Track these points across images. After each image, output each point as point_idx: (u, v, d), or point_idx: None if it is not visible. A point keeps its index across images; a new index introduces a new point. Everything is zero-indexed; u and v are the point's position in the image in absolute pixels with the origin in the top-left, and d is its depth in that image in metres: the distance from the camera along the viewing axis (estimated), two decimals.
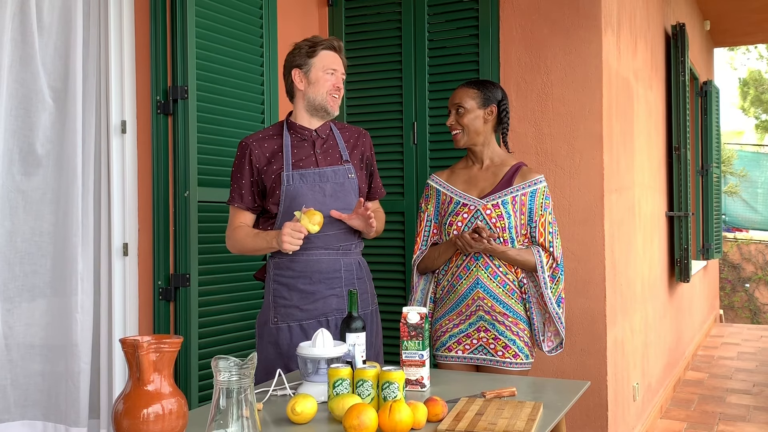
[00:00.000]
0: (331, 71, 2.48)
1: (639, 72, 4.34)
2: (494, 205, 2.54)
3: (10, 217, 2.53)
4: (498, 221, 2.52)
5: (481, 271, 2.53)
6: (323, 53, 2.48)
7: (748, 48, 17.76)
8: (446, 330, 2.60)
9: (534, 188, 2.57)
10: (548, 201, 2.58)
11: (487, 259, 2.53)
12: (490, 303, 2.53)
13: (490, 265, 2.53)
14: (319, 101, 2.48)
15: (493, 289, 2.53)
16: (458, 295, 2.56)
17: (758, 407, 5.01)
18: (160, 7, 2.89)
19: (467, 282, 2.55)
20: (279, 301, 2.46)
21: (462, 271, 2.56)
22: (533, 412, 1.79)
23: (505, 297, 2.54)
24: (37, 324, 2.63)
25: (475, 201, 2.57)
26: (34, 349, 2.61)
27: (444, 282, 2.62)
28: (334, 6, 3.89)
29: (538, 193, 2.56)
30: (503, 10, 3.55)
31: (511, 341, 2.53)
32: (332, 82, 2.48)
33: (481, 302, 2.54)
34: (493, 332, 2.54)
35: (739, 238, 11.41)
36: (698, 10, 7.01)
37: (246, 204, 2.49)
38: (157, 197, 2.90)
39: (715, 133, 7.27)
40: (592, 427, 3.40)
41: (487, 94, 2.61)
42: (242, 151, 2.49)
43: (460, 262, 2.56)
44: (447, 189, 2.65)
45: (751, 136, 18.88)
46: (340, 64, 2.51)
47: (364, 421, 1.63)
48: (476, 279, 2.53)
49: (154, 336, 1.49)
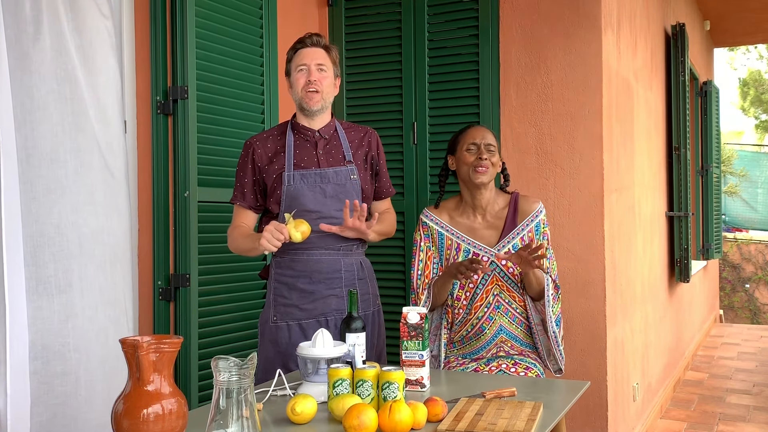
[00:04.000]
0: (301, 67, 2.46)
1: (639, 72, 4.34)
2: (507, 253, 2.50)
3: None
4: (515, 269, 2.50)
5: (503, 318, 2.54)
6: (298, 53, 2.48)
7: (748, 48, 17.76)
8: (462, 363, 2.58)
9: (537, 221, 2.56)
10: (546, 228, 2.59)
11: (507, 306, 2.53)
12: (510, 344, 2.55)
13: (510, 311, 2.54)
14: (298, 101, 2.49)
15: (513, 331, 2.55)
16: (481, 343, 2.56)
17: (758, 407, 5.01)
18: (160, 7, 2.89)
19: (491, 331, 2.54)
20: (279, 300, 2.46)
21: (485, 323, 2.54)
22: (533, 412, 1.79)
23: (523, 336, 2.57)
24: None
25: (487, 250, 2.53)
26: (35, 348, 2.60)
27: (462, 332, 2.57)
28: (334, 6, 3.89)
29: (542, 225, 2.57)
30: (503, 10, 3.55)
31: (532, 365, 2.54)
32: (304, 78, 2.45)
33: (502, 345, 2.55)
34: (512, 360, 2.54)
35: (739, 238, 11.41)
36: (698, 10, 7.01)
37: (248, 202, 2.49)
38: (157, 197, 2.90)
39: (715, 133, 7.27)
40: (592, 427, 3.40)
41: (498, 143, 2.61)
42: (246, 151, 2.51)
43: (481, 314, 2.53)
44: (452, 234, 2.57)
45: (751, 137, 18.89)
46: (311, 57, 2.46)
47: (364, 421, 1.63)
48: (499, 327, 2.54)
49: (154, 336, 1.50)
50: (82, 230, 2.44)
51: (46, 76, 2.36)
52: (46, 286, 2.35)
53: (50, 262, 2.36)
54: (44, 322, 2.34)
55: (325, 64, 2.47)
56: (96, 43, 2.55)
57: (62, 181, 2.40)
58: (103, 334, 2.47)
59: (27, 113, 2.34)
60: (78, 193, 2.44)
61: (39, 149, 2.36)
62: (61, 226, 2.40)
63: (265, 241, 2.26)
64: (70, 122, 2.42)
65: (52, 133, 2.38)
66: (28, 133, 2.34)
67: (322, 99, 2.47)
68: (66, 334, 2.38)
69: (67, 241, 2.41)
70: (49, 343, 2.35)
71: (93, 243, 2.48)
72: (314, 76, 2.44)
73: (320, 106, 2.47)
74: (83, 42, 2.52)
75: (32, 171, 2.36)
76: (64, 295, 2.39)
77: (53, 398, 2.34)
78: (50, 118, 2.38)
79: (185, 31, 2.88)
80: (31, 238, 2.35)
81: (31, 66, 2.34)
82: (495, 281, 2.52)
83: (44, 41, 2.36)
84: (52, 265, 2.36)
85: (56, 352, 2.36)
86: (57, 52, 2.40)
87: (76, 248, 2.43)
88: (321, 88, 2.46)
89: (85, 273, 2.44)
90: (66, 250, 2.40)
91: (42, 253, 2.35)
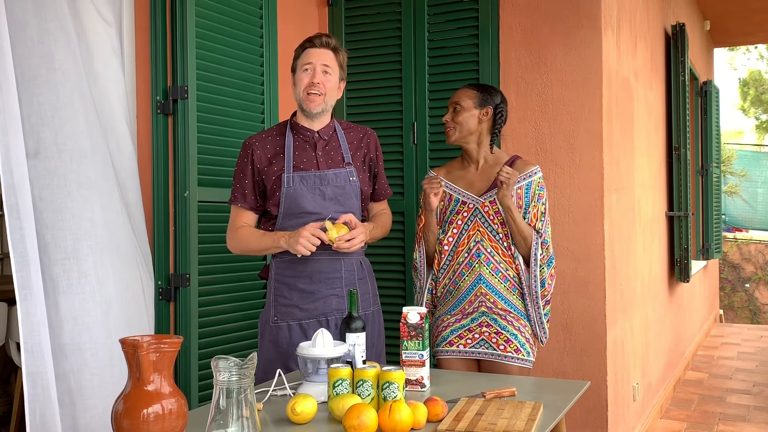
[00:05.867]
0: (306, 66, 2.43)
1: (639, 72, 4.34)
2: (491, 202, 2.59)
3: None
4: (496, 217, 2.58)
5: (483, 268, 2.56)
6: (306, 52, 2.46)
7: (748, 48, 17.76)
8: (447, 324, 2.62)
9: (529, 180, 2.61)
10: (542, 191, 2.62)
11: (488, 255, 2.56)
12: (493, 299, 2.56)
13: (492, 261, 2.56)
14: (299, 101, 2.47)
15: (495, 285, 2.56)
16: (461, 292, 2.59)
17: (758, 407, 5.01)
18: (160, 7, 2.89)
19: (470, 279, 2.57)
20: (279, 300, 2.46)
21: (464, 269, 2.58)
22: (533, 412, 1.79)
23: (506, 293, 2.57)
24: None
25: (473, 199, 2.62)
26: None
27: (445, 280, 2.63)
28: (334, 6, 3.89)
29: (533, 184, 2.61)
30: (503, 10, 3.54)
31: (513, 336, 2.55)
32: (307, 78, 2.43)
33: (483, 298, 2.56)
34: (495, 327, 2.56)
35: (739, 238, 11.41)
36: (698, 10, 7.01)
37: (249, 204, 2.48)
38: (157, 197, 2.90)
39: (715, 133, 7.26)
40: (592, 427, 3.40)
41: (485, 96, 2.67)
42: (245, 151, 2.49)
43: (461, 259, 2.59)
44: (447, 186, 2.68)
45: (751, 137, 18.89)
46: (318, 57, 2.43)
47: (364, 421, 1.63)
48: (479, 275, 2.56)
49: (154, 336, 1.50)
50: (110, 225, 2.50)
51: (70, 73, 2.43)
52: (88, 279, 2.43)
53: (89, 255, 2.43)
54: (89, 315, 2.39)
55: (331, 66, 2.45)
56: (98, 44, 2.58)
57: (90, 176, 2.47)
58: (133, 327, 2.55)
59: (54, 110, 2.41)
60: (103, 189, 2.49)
61: (68, 146, 2.44)
62: (95, 221, 2.46)
63: (302, 248, 2.28)
64: (93, 120, 2.49)
65: (78, 130, 2.46)
66: (58, 129, 2.41)
67: (323, 102, 2.44)
68: (109, 326, 2.44)
69: (100, 236, 2.48)
70: (96, 335, 2.41)
71: (119, 238, 2.55)
72: (318, 78, 2.42)
73: (321, 109, 2.45)
74: (88, 43, 2.56)
75: (64, 166, 2.41)
76: (104, 288, 2.46)
77: (105, 389, 2.42)
78: (76, 115, 2.46)
79: (185, 31, 2.88)
80: (71, 231, 2.39)
81: (54, 64, 2.40)
82: (476, 227, 2.58)
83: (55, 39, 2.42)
84: (91, 258, 2.44)
85: (103, 343, 2.41)
86: (68, 51, 2.45)
87: (107, 243, 2.50)
88: (324, 90, 2.43)
89: (115, 267, 2.52)
90: (100, 244, 2.47)
91: (81, 246, 2.42)
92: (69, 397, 2.36)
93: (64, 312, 2.37)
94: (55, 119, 2.39)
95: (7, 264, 5.23)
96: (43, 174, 2.38)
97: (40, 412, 2.22)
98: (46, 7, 2.41)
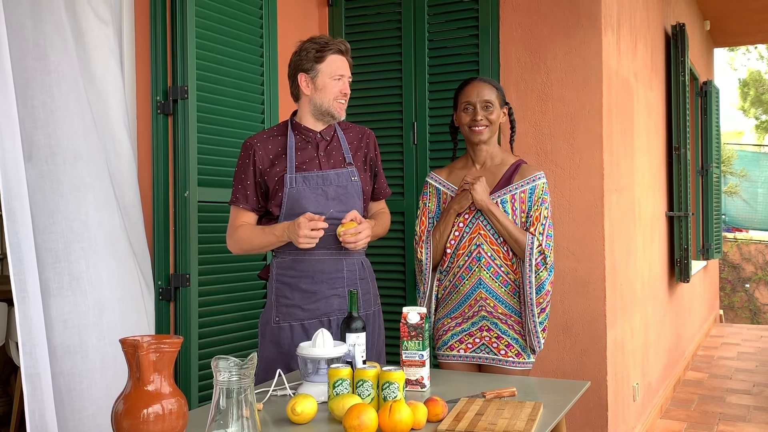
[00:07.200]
0: (338, 77, 2.45)
1: (639, 72, 4.34)
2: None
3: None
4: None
5: (483, 272, 2.54)
6: (330, 58, 2.44)
7: (748, 48, 17.77)
8: (448, 329, 2.61)
9: (533, 185, 2.58)
10: (546, 197, 2.59)
11: (489, 260, 2.54)
12: (493, 303, 2.54)
13: (492, 266, 2.54)
14: (325, 107, 2.46)
15: (495, 289, 2.54)
16: (461, 295, 2.57)
17: (758, 407, 5.01)
18: (160, 7, 2.89)
19: (469, 283, 2.55)
20: (281, 301, 2.46)
21: (464, 272, 2.56)
22: (533, 412, 1.79)
23: (507, 297, 2.55)
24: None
25: None
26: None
27: (446, 282, 2.62)
28: (334, 6, 3.89)
29: (537, 189, 2.57)
30: (503, 10, 3.55)
31: (513, 340, 2.54)
32: (339, 88, 2.44)
33: (483, 303, 2.55)
34: (495, 331, 2.55)
35: (739, 238, 11.41)
36: (698, 11, 7.02)
37: (251, 205, 2.47)
38: (157, 197, 2.90)
39: (714, 133, 7.27)
40: (592, 427, 3.40)
41: (503, 94, 2.66)
42: (246, 152, 2.48)
43: (462, 262, 2.57)
44: (448, 188, 2.65)
45: (751, 137, 18.89)
46: (347, 68, 2.47)
47: (364, 421, 1.63)
48: (478, 280, 2.54)
49: (154, 336, 1.49)
50: (104, 227, 2.49)
51: (66, 75, 2.42)
52: (79, 282, 2.41)
53: (81, 258, 2.43)
54: (81, 317, 2.39)
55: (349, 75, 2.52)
56: (95, 44, 2.58)
57: (85, 178, 2.46)
58: (129, 328, 2.54)
59: (49, 113, 2.40)
60: (98, 190, 2.49)
61: (62, 148, 2.43)
62: (88, 223, 2.45)
63: (304, 240, 2.29)
64: (89, 122, 2.48)
65: (73, 132, 2.45)
66: (51, 132, 2.40)
67: (344, 110, 2.52)
68: (102, 329, 2.43)
69: (94, 238, 2.47)
70: (87, 338, 2.40)
71: (114, 240, 2.54)
72: (348, 89, 2.48)
73: (343, 117, 2.51)
74: (85, 44, 2.56)
75: (57, 169, 2.41)
76: (96, 290, 2.45)
77: (96, 392, 2.40)
78: (71, 117, 2.45)
79: (185, 31, 2.88)
80: (63, 234, 2.39)
81: (49, 66, 2.39)
82: (478, 230, 2.55)
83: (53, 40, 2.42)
84: (83, 260, 2.43)
85: (94, 346, 2.41)
86: (65, 53, 2.45)
87: (102, 245, 2.49)
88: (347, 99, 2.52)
89: (111, 269, 2.51)
90: (94, 246, 2.46)
91: (73, 249, 2.41)
92: (59, 399, 2.36)
93: (55, 315, 2.36)
94: (49, 122, 2.39)
95: (7, 264, 5.23)
96: (36, 178, 2.37)
97: (39, 412, 2.22)
98: (42, 8, 2.40)
